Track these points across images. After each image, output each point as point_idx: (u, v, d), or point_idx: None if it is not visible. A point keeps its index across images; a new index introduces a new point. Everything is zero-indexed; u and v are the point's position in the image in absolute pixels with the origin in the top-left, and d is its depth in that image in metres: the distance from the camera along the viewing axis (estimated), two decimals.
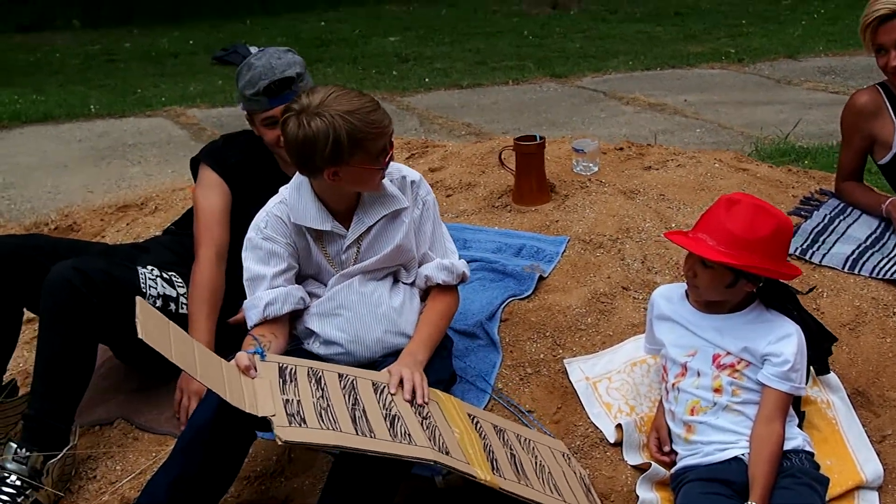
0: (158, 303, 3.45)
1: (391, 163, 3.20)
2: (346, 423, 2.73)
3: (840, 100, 9.57)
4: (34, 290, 3.42)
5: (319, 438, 2.68)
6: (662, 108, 9.65)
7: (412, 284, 3.33)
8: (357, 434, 2.70)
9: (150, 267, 3.55)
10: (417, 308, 3.29)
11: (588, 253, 3.98)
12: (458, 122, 9.26)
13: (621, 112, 9.61)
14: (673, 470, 3.15)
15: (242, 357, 2.88)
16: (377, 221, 3.22)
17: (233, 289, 3.58)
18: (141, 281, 3.45)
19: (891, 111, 4.15)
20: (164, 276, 3.56)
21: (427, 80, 11.51)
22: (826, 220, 4.23)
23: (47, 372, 3.28)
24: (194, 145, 8.60)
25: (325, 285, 3.28)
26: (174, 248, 3.80)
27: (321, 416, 2.74)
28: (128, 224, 5.20)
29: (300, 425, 2.67)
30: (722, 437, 3.05)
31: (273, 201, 3.25)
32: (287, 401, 2.77)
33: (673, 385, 3.17)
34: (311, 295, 3.28)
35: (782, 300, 3.13)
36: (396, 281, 3.32)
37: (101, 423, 3.60)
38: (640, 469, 3.19)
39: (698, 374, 3.11)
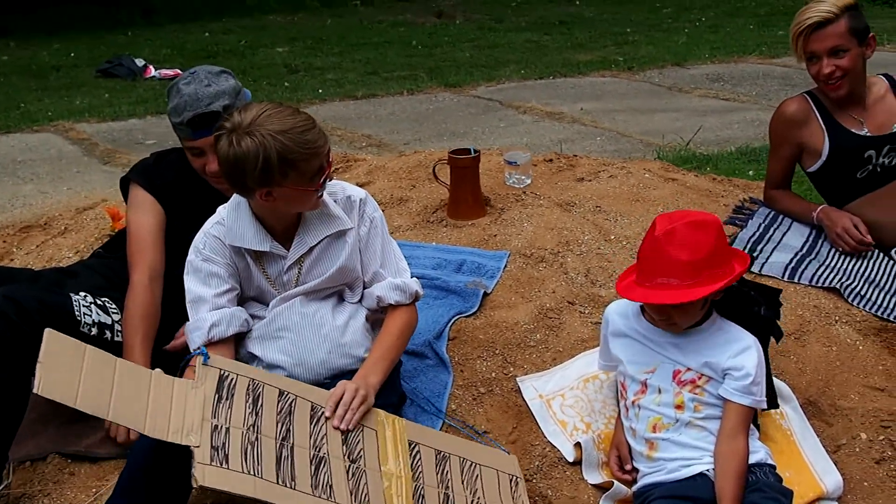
0: (94, 331, 3.29)
1: (336, 181, 3.10)
2: (268, 467, 2.64)
3: (731, 107, 9.85)
4: None
5: (237, 488, 2.56)
6: (560, 117, 9.68)
7: (358, 303, 3.22)
8: (277, 483, 2.62)
9: (82, 293, 3.38)
10: (362, 327, 3.18)
11: (530, 267, 3.92)
12: (358, 133, 9.14)
13: (519, 121, 9.61)
14: (635, 488, 3.10)
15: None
16: (319, 242, 3.11)
17: (169, 313, 3.44)
18: (75, 308, 3.28)
19: (819, 119, 4.18)
20: (98, 302, 3.40)
21: (320, 90, 11.37)
22: (761, 230, 4.25)
23: None
24: (87, 161, 8.37)
25: (268, 307, 3.16)
26: (104, 273, 3.62)
27: (246, 452, 2.64)
28: (37, 246, 4.97)
29: (221, 464, 2.58)
30: (685, 453, 3.01)
31: (211, 221, 3.13)
32: (215, 427, 2.66)
33: (633, 402, 3.12)
34: (254, 317, 3.16)
35: (740, 300, 3.11)
36: (341, 300, 3.21)
37: (31, 459, 3.40)
38: (602, 488, 3.14)
39: (659, 391, 3.06)
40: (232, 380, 2.83)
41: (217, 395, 2.76)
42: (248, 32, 16.34)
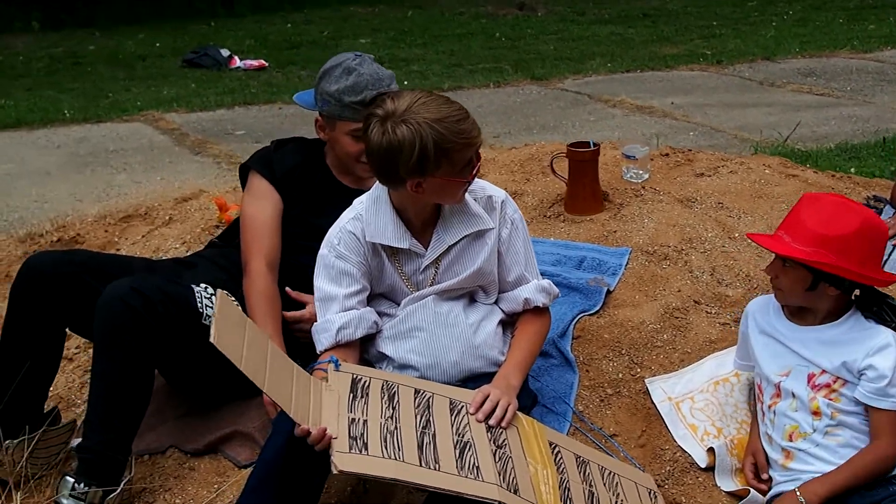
0: None
1: (476, 180, 3.00)
2: (410, 451, 2.56)
3: (826, 102, 9.64)
4: (78, 310, 3.24)
5: (378, 470, 2.49)
6: (651, 111, 9.54)
7: (492, 305, 3.13)
8: (420, 465, 2.53)
9: (203, 284, 3.32)
10: (495, 329, 3.08)
11: (653, 265, 3.81)
12: None
13: (610, 115, 9.48)
14: (769, 496, 2.99)
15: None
16: (458, 241, 3.01)
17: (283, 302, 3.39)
18: (196, 299, 3.23)
19: None
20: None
21: (406, 82, 11.30)
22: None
23: (105, 400, 3.04)
24: (178, 151, 8.41)
25: (398, 304, 3.08)
26: (221, 263, 3.56)
27: (385, 440, 2.57)
28: (143, 237, 4.95)
29: (361, 451, 2.51)
30: (822, 466, 2.88)
31: (347, 216, 3.05)
32: (353, 420, 2.60)
33: (769, 407, 3.00)
34: (382, 315, 3.07)
35: (878, 307, 2.94)
36: (473, 300, 3.12)
37: (150, 453, 3.37)
38: (737, 496, 3.03)
39: (793, 396, 2.94)
40: (365, 381, 2.78)
41: (352, 395, 2.71)
42: (329, 23, 16.36)
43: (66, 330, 3.36)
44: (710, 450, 3.14)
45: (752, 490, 3.00)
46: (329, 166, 3.60)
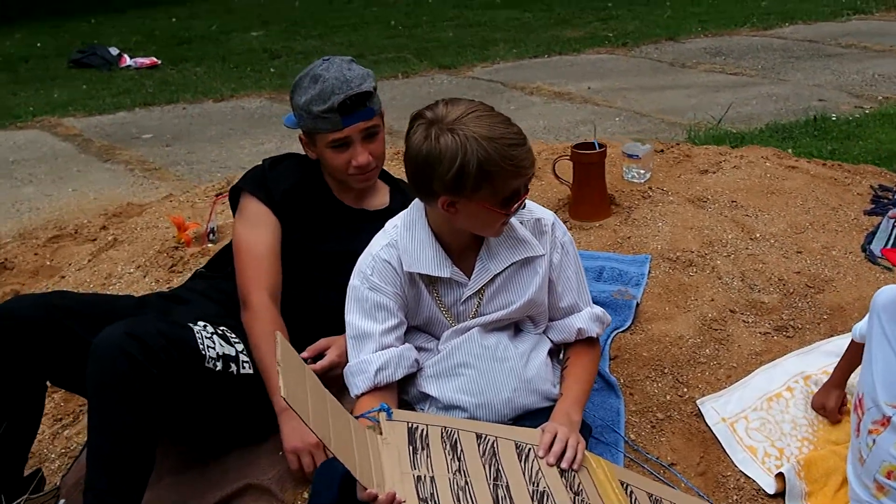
0: (219, 365, 2.86)
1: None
2: None
3: (742, 82, 9.55)
4: (59, 360, 2.85)
5: None
6: (570, 98, 9.34)
7: (541, 334, 2.82)
8: None
9: (202, 323, 2.95)
10: (545, 360, 2.76)
11: (678, 272, 3.54)
12: None
13: (530, 103, 9.24)
14: None
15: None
16: (504, 269, 2.69)
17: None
18: (198, 341, 2.85)
19: None
20: (218, 331, 2.97)
21: None
22: None
23: (107, 464, 2.65)
24: (85, 159, 7.94)
25: (436, 338, 2.75)
26: (214, 297, 3.19)
27: (458, 499, 2.27)
28: (89, 261, 4.50)
29: None
30: None
31: (379, 243, 2.70)
32: (419, 478, 2.29)
33: (869, 432, 2.69)
34: (420, 350, 2.74)
35: None
36: (519, 330, 2.81)
37: None
38: None
39: None
40: (422, 430, 2.46)
41: (411, 448, 2.39)
42: (215, 17, 15.80)
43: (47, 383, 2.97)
44: (779, 475, 2.89)
45: None
46: (328, 185, 3.25)
